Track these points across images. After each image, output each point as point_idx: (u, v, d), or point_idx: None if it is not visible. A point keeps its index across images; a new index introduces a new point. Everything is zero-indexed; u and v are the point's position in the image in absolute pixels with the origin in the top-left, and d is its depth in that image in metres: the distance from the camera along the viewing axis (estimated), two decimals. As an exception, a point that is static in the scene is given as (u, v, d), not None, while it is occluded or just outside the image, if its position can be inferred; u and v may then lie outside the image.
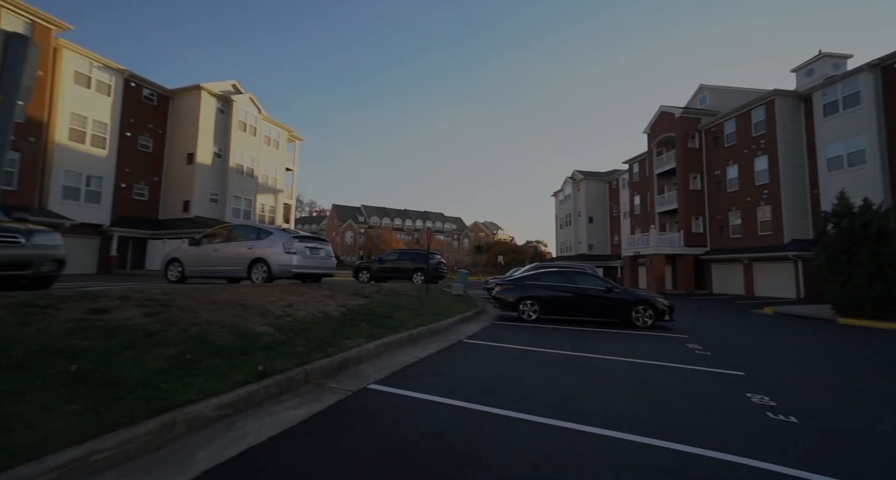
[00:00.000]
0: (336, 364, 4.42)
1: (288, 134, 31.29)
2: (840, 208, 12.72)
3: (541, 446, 2.94)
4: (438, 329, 7.57)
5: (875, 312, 11.60)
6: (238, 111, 26.42)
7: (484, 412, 3.59)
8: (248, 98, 27.33)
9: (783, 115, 22.19)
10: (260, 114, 28.27)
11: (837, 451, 2.98)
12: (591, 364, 5.60)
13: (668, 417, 3.61)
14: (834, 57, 22.76)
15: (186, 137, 24.74)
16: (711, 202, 26.70)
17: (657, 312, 9.24)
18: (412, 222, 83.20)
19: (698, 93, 29.71)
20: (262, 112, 28.47)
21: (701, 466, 2.70)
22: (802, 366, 5.99)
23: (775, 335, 9.15)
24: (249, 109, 27.42)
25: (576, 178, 42.99)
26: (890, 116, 17.88)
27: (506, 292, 10.20)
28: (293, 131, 31.65)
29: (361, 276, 15.29)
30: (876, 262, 11.56)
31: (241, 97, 26.79)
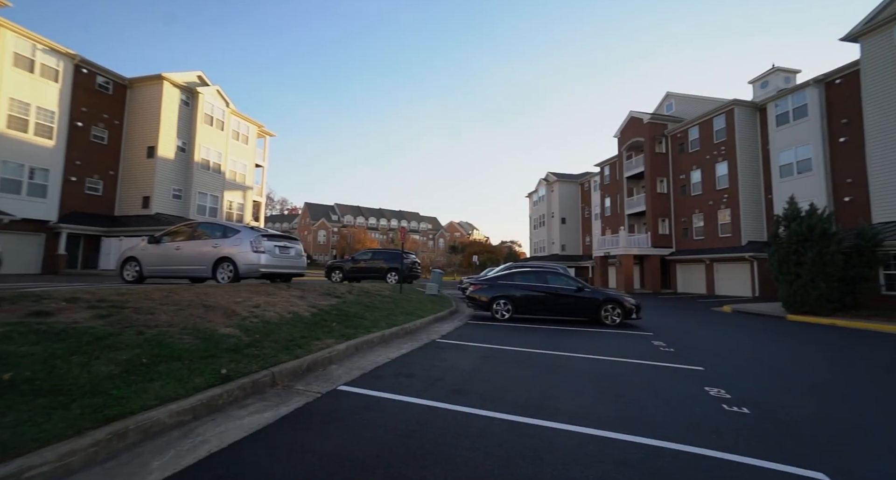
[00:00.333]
0: (305, 366, 4.31)
1: (258, 129, 30.18)
2: (790, 213, 13.60)
3: (511, 443, 2.97)
4: (412, 329, 7.52)
5: (818, 309, 12.48)
6: (204, 104, 25.24)
7: (455, 412, 3.59)
8: (216, 90, 26.17)
9: (741, 123, 23.50)
10: (228, 107, 27.14)
11: (783, 438, 3.18)
12: (561, 362, 5.72)
13: (632, 412, 3.73)
14: (785, 71, 24.31)
15: (147, 130, 23.38)
16: (677, 205, 27.91)
17: (625, 310, 9.56)
18: (387, 222, 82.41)
19: (665, 100, 30.99)
20: (231, 106, 27.34)
21: (661, 458, 2.81)
22: (755, 360, 6.34)
23: (732, 332, 9.66)
24: (216, 102, 26.27)
25: (549, 179, 43.88)
26: (832, 128, 19.30)
27: (479, 292, 10.27)
28: (263, 127, 30.55)
29: (334, 276, 14.99)
30: (819, 263, 12.44)
31: (208, 89, 25.63)
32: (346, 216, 78.09)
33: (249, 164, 29.31)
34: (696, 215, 26.12)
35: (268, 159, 31.96)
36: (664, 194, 28.52)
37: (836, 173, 19.15)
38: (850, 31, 16.60)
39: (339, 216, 77.79)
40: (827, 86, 19.68)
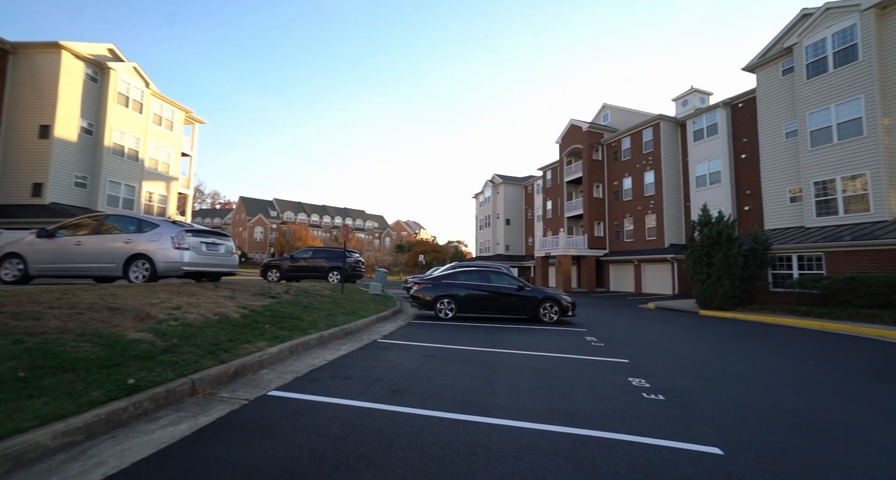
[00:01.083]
0: (231, 372, 3.98)
1: (185, 115, 27.32)
2: (703, 219, 15.23)
3: (447, 441, 2.98)
4: (352, 330, 7.30)
5: (723, 304, 14.13)
6: (117, 81, 22.16)
7: (394, 412, 3.53)
8: (132, 68, 23.12)
9: (666, 137, 25.92)
10: (148, 88, 24.19)
11: (690, 420, 3.52)
12: (501, 359, 5.87)
13: (564, 404, 3.91)
14: (701, 92, 27.26)
15: (39, 106, 19.95)
16: (610, 209, 30.08)
17: (562, 308, 10.07)
18: (331, 219, 79.44)
19: (602, 111, 33.26)
20: (151, 86, 24.40)
21: (587, 446, 2.97)
22: (671, 352, 7.00)
23: (654, 327, 10.58)
24: (133, 81, 23.29)
25: (495, 181, 45.11)
26: (736, 146, 22.00)
27: (423, 291, 10.25)
28: (192, 112, 27.73)
29: (270, 275, 14.10)
30: (725, 264, 14.08)
31: (122, 66, 22.56)
32: (286, 213, 74.06)
33: (175, 152, 26.45)
34: (627, 219, 28.34)
35: (197, 148, 29.17)
36: (600, 198, 30.60)
37: (739, 185, 21.82)
38: (748, 63, 19.00)
39: (278, 212, 73.57)
40: (732, 108, 22.35)
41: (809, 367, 5.94)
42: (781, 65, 17.72)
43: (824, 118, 15.52)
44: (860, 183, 14.48)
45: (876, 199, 14.01)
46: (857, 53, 14.73)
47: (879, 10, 14.38)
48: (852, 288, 11.87)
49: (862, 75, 14.54)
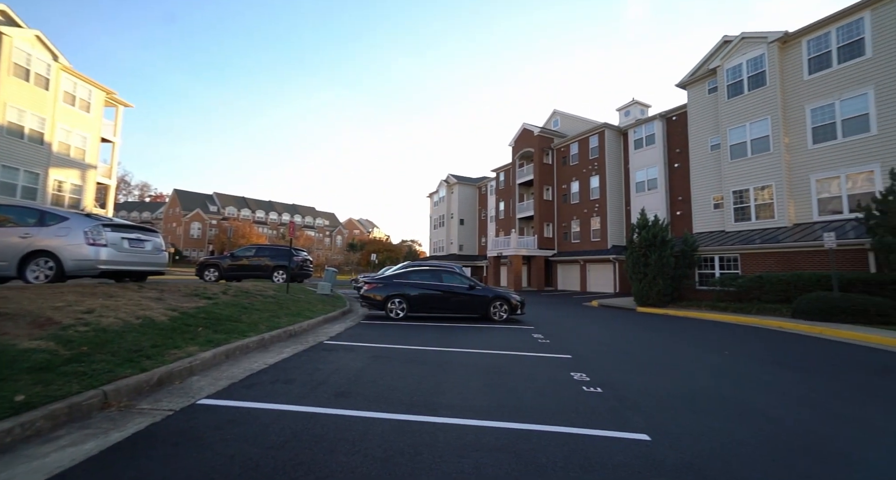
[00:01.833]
0: (155, 380, 3.62)
1: (105, 96, 24.19)
2: (641, 222, 16.40)
3: (392, 442, 2.93)
4: (297, 331, 6.97)
5: (657, 302, 15.31)
6: (13, 50, 18.85)
7: (337, 416, 3.40)
8: (34, 36, 19.73)
9: (610, 144, 27.60)
10: (56, 62, 20.90)
11: (624, 410, 3.74)
12: (450, 358, 5.89)
13: (510, 400, 4.00)
14: (641, 104, 29.36)
15: None
16: (559, 212, 31.46)
17: (511, 307, 10.34)
18: (278, 216, 75.48)
19: (552, 116, 34.69)
20: (61, 60, 21.12)
21: (529, 440, 3.05)
22: (610, 346, 7.44)
23: (596, 323, 11.19)
24: (37, 52, 20.02)
25: (450, 181, 45.45)
26: (670, 155, 23.97)
27: (374, 291, 10.05)
28: (115, 94, 24.59)
29: (208, 274, 13.07)
30: (659, 264, 15.26)
31: (21, 32, 19.11)
32: (227, 208, 69.26)
33: (92, 137, 23.37)
34: (574, 221, 29.81)
35: (121, 134, 26.15)
36: (549, 201, 31.89)
37: (672, 192, 23.78)
38: (681, 80, 20.77)
39: (219, 207, 68.60)
40: (667, 120, 24.32)
41: (724, 357, 6.58)
42: (707, 84, 19.55)
43: (741, 134, 17.35)
44: (768, 193, 16.36)
45: (779, 207, 15.91)
46: (765, 79, 16.62)
47: (781, 44, 16.35)
48: (760, 286, 13.38)
49: (769, 98, 16.44)
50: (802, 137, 15.61)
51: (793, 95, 16.00)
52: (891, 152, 13.10)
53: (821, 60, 15.31)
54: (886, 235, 10.70)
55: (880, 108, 13.67)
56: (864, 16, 14.25)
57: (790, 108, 16.04)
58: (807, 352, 7.19)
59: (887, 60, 13.62)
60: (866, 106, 13.99)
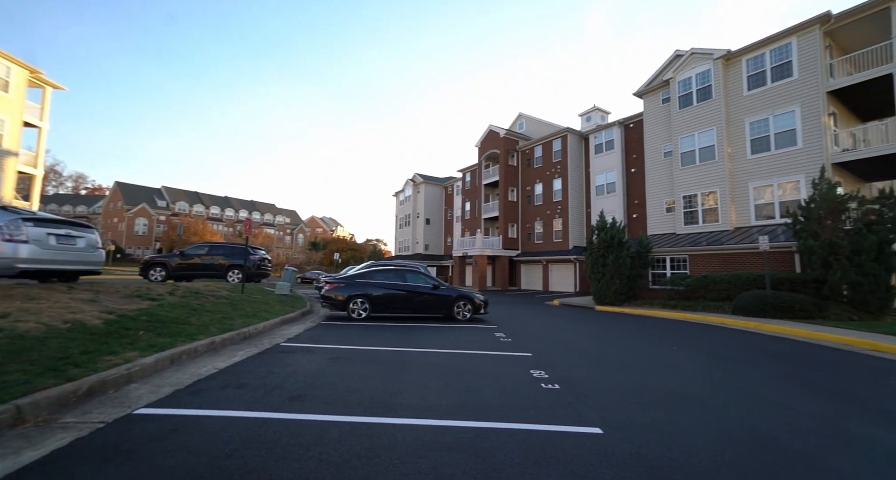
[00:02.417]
0: (84, 390, 3.31)
1: (29, 75, 21.81)
2: (600, 224, 17.09)
3: (349, 446, 2.86)
4: (252, 334, 6.65)
5: (614, 300, 16.02)
6: None
7: (291, 421, 3.28)
8: None
9: (572, 148, 28.57)
10: None
11: (580, 406, 3.87)
12: (412, 358, 5.84)
13: (470, 399, 4.01)
14: (601, 111, 30.64)
15: None
16: (523, 212, 32.17)
17: (475, 306, 10.43)
18: (234, 212, 71.71)
19: (518, 119, 35.42)
20: None
21: (488, 438, 3.07)
22: (569, 344, 7.67)
23: (557, 322, 11.53)
24: None
25: (416, 181, 45.24)
26: (628, 160, 25.20)
27: (335, 291, 9.80)
28: (41, 73, 22.04)
29: (153, 274, 12.15)
30: (616, 264, 15.98)
31: None
32: (178, 203, 64.96)
33: (12, 121, 20.92)
34: (538, 222, 30.59)
35: (50, 119, 23.76)
36: (514, 202, 32.53)
37: (629, 195, 24.99)
38: (637, 89, 21.88)
39: (168, 202, 64.20)
40: (625, 127, 25.54)
41: (673, 352, 6.98)
42: (661, 94, 20.72)
43: (690, 143, 18.54)
44: (713, 199, 17.58)
45: (723, 212, 17.15)
46: (711, 93, 17.86)
47: (725, 61, 17.65)
48: (706, 285, 14.35)
49: (715, 111, 17.68)
50: (743, 147, 16.91)
51: (735, 109, 17.29)
52: (813, 164, 14.48)
53: (758, 77, 16.66)
54: (809, 239, 11.81)
55: (805, 124, 15.08)
56: (792, 41, 15.67)
57: (733, 120, 17.32)
58: (743, 346, 7.78)
59: (810, 82, 15.05)
60: (794, 122, 15.38)
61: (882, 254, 10.78)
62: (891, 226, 10.88)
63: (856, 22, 15.08)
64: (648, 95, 21.46)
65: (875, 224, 11.03)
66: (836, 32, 15.72)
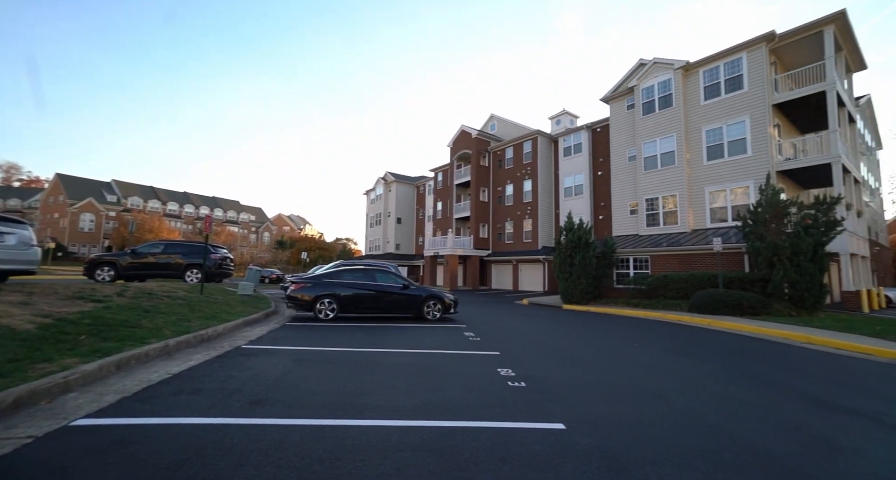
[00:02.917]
0: (9, 402, 3.03)
1: None
2: (568, 225, 17.54)
3: (311, 449, 2.78)
4: (210, 336, 6.33)
5: (581, 299, 16.50)
6: None
7: (250, 426, 3.14)
8: None
9: (542, 150, 29.21)
10: None
11: (545, 403, 3.94)
12: (380, 358, 5.75)
13: (437, 398, 3.99)
14: (570, 115, 31.51)
15: None
16: (494, 213, 32.55)
17: (444, 306, 10.42)
18: (195, 209, 68.07)
19: (490, 120, 35.81)
20: None
21: (454, 436, 3.07)
22: (536, 342, 7.82)
23: (525, 321, 11.72)
24: None
25: (388, 179, 44.78)
26: (595, 163, 26.07)
27: (302, 291, 9.51)
28: None
29: (100, 273, 11.27)
30: (583, 264, 16.47)
31: None
32: (130, 198, 60.84)
33: None
34: (508, 223, 31.06)
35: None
36: (485, 202, 32.86)
37: (596, 197, 25.84)
38: (604, 95, 22.68)
39: (119, 197, 60.01)
40: (593, 131, 26.39)
41: (634, 348, 7.27)
42: (626, 101, 21.57)
43: (653, 148, 19.41)
44: (673, 202, 18.50)
45: (682, 215, 18.08)
46: (672, 101, 18.79)
47: (685, 71, 18.63)
48: (665, 284, 15.07)
49: (675, 118, 18.62)
50: (700, 153, 17.89)
51: (693, 117, 18.27)
52: (761, 171, 15.54)
53: (713, 88, 17.68)
54: (756, 240, 12.67)
55: (753, 134, 16.17)
56: (743, 56, 16.76)
57: (691, 128, 18.29)
58: (697, 341, 8.22)
59: (758, 95, 16.16)
60: (744, 131, 16.46)
61: (816, 255, 11.72)
62: (824, 230, 11.85)
63: (796, 42, 16.35)
64: (614, 101, 22.27)
65: (811, 228, 11.96)
66: (780, 50, 16.96)
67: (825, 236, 11.81)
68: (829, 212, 12.08)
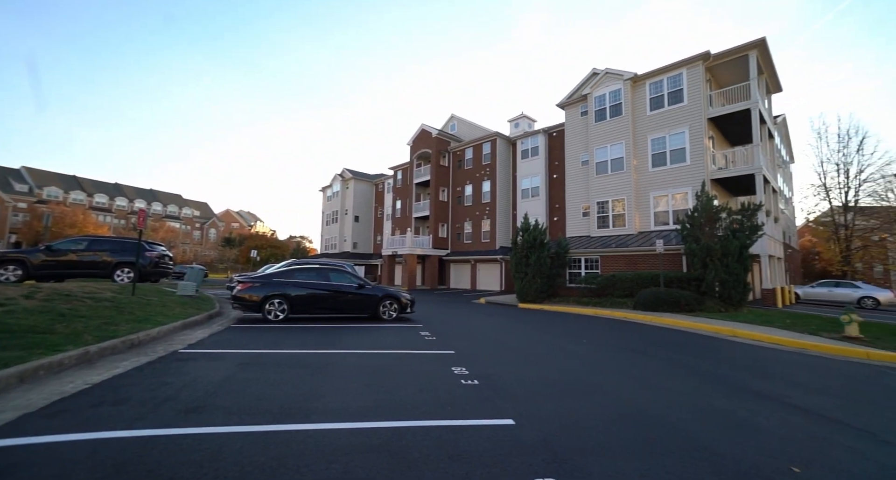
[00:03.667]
0: None
1: None
2: (524, 226, 18.02)
3: (252, 457, 2.64)
4: (143, 340, 5.80)
5: (536, 298, 17.03)
6: None
7: (184, 436, 2.91)
8: None
9: (501, 152, 29.79)
10: None
11: (497, 400, 4.00)
12: (332, 360, 5.57)
13: (389, 399, 3.92)
14: (528, 118, 32.43)
15: None
16: (454, 213, 32.75)
17: (401, 305, 10.31)
18: (128, 202, 62.13)
19: (450, 120, 35.97)
20: None
21: (404, 436, 3.02)
22: (491, 340, 7.95)
23: (481, 319, 11.88)
24: None
25: (345, 176, 43.63)
26: (551, 166, 27.03)
27: (249, 291, 8.98)
28: None
29: (4, 273, 9.82)
30: (537, 264, 17.00)
31: None
32: (47, 188, 54.21)
33: None
34: (467, 223, 31.37)
35: None
36: (445, 202, 32.97)
37: (551, 199, 26.78)
38: (560, 101, 23.59)
39: (32, 187, 53.34)
40: (549, 135, 27.34)
41: (583, 345, 7.60)
42: (580, 107, 22.56)
43: (604, 154, 20.46)
44: (621, 205, 19.61)
45: (629, 218, 19.21)
46: (621, 110, 19.93)
47: (633, 82, 19.84)
48: (613, 283, 15.93)
49: (624, 126, 19.76)
50: (646, 160, 19.10)
51: (640, 126, 19.48)
52: (697, 179, 16.90)
53: (658, 100, 18.96)
54: (692, 243, 13.75)
55: (692, 144, 17.54)
56: (683, 72, 18.14)
57: (638, 136, 19.48)
58: (640, 337, 8.76)
59: (696, 108, 17.57)
60: (684, 142, 17.81)
61: (741, 256, 12.93)
62: (748, 233, 13.10)
63: (727, 62, 17.96)
64: (569, 107, 23.21)
65: (738, 232, 13.18)
66: (714, 69, 18.53)
67: (749, 240, 13.05)
68: (752, 217, 13.36)
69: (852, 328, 8.09)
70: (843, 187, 28.48)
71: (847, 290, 19.13)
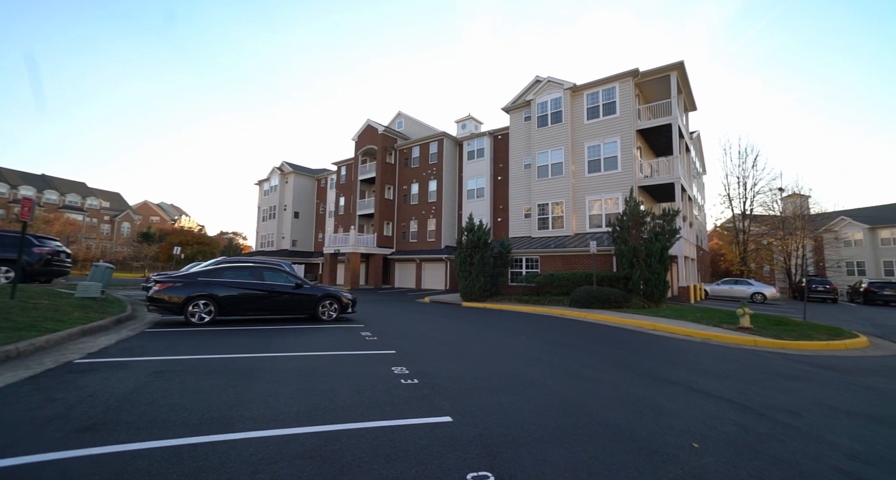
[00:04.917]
0: None
1: None
2: (469, 226, 18.33)
3: (163, 476, 2.37)
4: (24, 352, 4.99)
5: (479, 297, 17.40)
6: None
7: (75, 459, 2.54)
8: None
9: (447, 152, 30.03)
10: None
11: (435, 398, 3.99)
12: (264, 364, 5.21)
13: (324, 402, 3.74)
14: (475, 120, 33.09)
15: None
16: (399, 211, 32.39)
17: (342, 305, 9.95)
18: (11, 189, 52.75)
19: (397, 117, 35.54)
20: None
21: (338, 440, 2.90)
22: (433, 339, 7.95)
23: (425, 318, 11.85)
24: None
25: (284, 170, 41.31)
26: (495, 168, 27.81)
27: (169, 292, 8.11)
28: None
29: None
30: (481, 263, 17.39)
31: None
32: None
33: None
34: (413, 222, 31.21)
35: None
36: (390, 200, 32.51)
37: (495, 200, 27.53)
38: (505, 105, 24.36)
39: None
40: (494, 138, 28.09)
41: (521, 341, 7.88)
42: (524, 113, 23.46)
43: (545, 159, 21.47)
44: (560, 208, 20.72)
45: (567, 220, 20.36)
46: (562, 117, 21.07)
47: (572, 92, 21.09)
48: (552, 282, 16.78)
49: (563, 133, 20.90)
50: (583, 166, 20.36)
51: (578, 133, 20.72)
52: (627, 185, 18.38)
53: (594, 110, 20.31)
54: (621, 244, 14.92)
55: (622, 153, 19.04)
56: (616, 86, 19.63)
57: (576, 143, 20.71)
58: (573, 332, 9.30)
59: (626, 120, 19.12)
60: (616, 150, 19.27)
61: (662, 257, 14.29)
62: (668, 236, 14.50)
63: (653, 80, 19.75)
64: (514, 111, 24.03)
65: (660, 234, 14.54)
66: (642, 85, 20.26)
67: (669, 242, 14.44)
68: (671, 222, 14.81)
69: (745, 320, 9.28)
70: (743, 197, 32.70)
71: (743, 287, 22.04)
